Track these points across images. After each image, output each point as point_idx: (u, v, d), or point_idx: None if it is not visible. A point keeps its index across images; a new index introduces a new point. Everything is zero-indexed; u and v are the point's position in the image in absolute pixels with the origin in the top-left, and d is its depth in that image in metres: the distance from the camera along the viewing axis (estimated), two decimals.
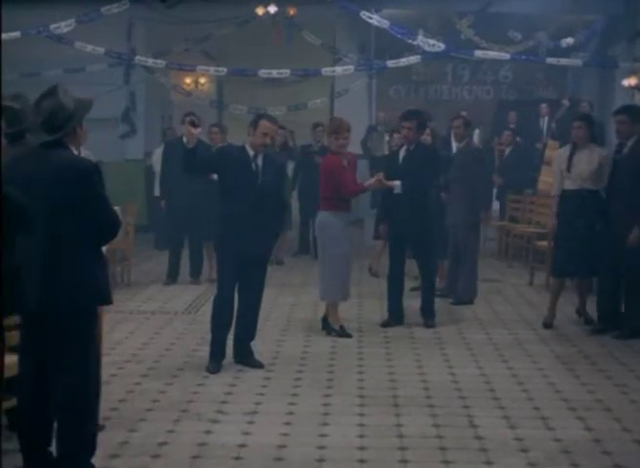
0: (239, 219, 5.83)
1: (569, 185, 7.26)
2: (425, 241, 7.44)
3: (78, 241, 3.72)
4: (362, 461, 4.32)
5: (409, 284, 8.07)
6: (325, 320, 7.15)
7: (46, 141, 3.73)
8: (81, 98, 3.89)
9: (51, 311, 3.70)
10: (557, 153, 7.76)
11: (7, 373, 3.92)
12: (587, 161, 7.13)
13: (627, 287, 7.09)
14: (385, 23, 12.45)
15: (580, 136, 7.24)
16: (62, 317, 3.72)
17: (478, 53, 12.99)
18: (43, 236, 3.66)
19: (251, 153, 5.96)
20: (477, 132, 13.06)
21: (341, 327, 7.08)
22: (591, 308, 7.47)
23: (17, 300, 3.67)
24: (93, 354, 3.91)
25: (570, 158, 7.23)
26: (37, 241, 3.66)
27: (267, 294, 6.43)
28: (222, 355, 6.04)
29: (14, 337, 4.03)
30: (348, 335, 7.01)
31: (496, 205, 12.26)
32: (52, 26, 11.82)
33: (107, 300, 3.90)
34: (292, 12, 13.86)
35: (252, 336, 6.18)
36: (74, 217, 3.68)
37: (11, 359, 3.97)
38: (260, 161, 5.97)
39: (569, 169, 7.21)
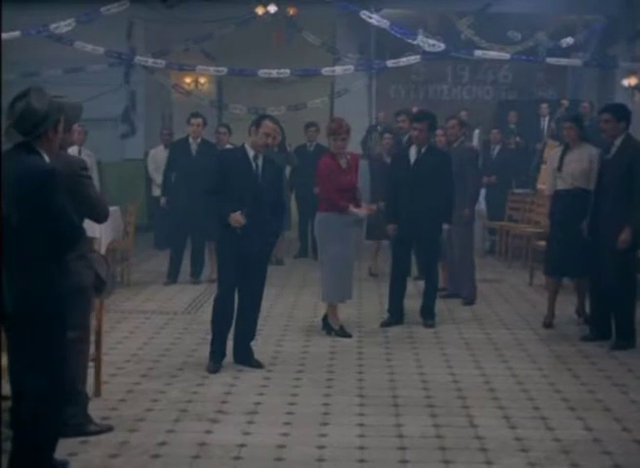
0: None
1: (561, 185, 7.26)
2: (431, 243, 7.44)
3: (34, 248, 3.59)
4: (362, 461, 4.32)
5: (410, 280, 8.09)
6: (326, 320, 7.15)
7: (16, 144, 3.64)
8: (58, 102, 3.80)
9: (5, 316, 3.61)
10: (552, 153, 7.74)
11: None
12: (578, 160, 7.12)
13: (614, 291, 6.75)
14: (385, 23, 12.44)
15: (572, 137, 7.24)
16: (14, 323, 3.63)
17: (478, 53, 12.98)
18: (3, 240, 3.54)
19: (251, 153, 5.96)
20: (477, 132, 13.07)
21: (341, 327, 7.08)
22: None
23: None
24: (55, 361, 3.78)
25: (561, 158, 7.24)
26: None
27: (267, 294, 6.43)
28: (223, 355, 6.03)
29: None
30: (348, 335, 7.01)
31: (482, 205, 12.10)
32: (52, 26, 11.81)
33: (56, 316, 3.72)
34: (292, 12, 13.86)
35: (252, 336, 6.18)
36: (31, 224, 3.56)
37: None
38: (260, 161, 5.97)
39: (560, 168, 7.22)
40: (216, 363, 5.96)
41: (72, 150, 6.43)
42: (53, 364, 3.78)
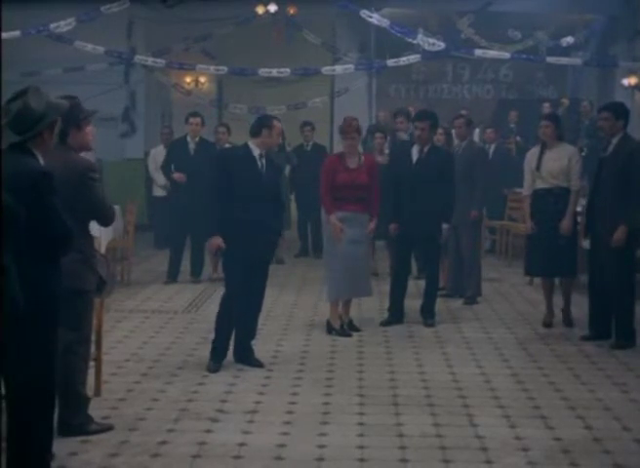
0: (244, 219, 5.83)
1: (540, 184, 7.27)
2: (431, 242, 7.44)
3: (27, 249, 3.51)
4: (362, 460, 4.32)
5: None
6: (350, 322, 7.18)
7: (10, 145, 3.59)
8: (56, 102, 3.78)
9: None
10: (528, 153, 7.69)
11: None
12: (557, 158, 7.14)
13: (613, 290, 6.71)
14: (385, 22, 12.45)
15: (548, 135, 7.25)
16: (6, 321, 3.54)
17: (478, 52, 12.99)
18: None
19: (256, 153, 5.98)
20: (477, 131, 13.07)
21: (342, 326, 7.09)
22: (579, 309, 7.44)
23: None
24: (44, 362, 3.74)
25: (539, 157, 7.24)
26: None
27: (268, 294, 6.42)
28: (224, 354, 6.03)
29: None
30: (348, 335, 7.02)
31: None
32: (52, 26, 11.81)
33: (48, 320, 3.68)
34: (292, 11, 13.87)
35: (252, 336, 6.18)
36: (26, 225, 3.49)
37: None
38: (263, 160, 6.00)
39: (538, 168, 7.22)
40: (216, 362, 5.96)
41: None
42: (41, 363, 3.74)
